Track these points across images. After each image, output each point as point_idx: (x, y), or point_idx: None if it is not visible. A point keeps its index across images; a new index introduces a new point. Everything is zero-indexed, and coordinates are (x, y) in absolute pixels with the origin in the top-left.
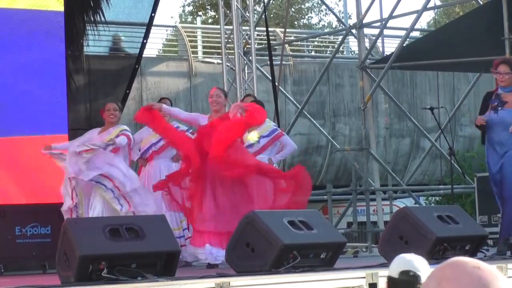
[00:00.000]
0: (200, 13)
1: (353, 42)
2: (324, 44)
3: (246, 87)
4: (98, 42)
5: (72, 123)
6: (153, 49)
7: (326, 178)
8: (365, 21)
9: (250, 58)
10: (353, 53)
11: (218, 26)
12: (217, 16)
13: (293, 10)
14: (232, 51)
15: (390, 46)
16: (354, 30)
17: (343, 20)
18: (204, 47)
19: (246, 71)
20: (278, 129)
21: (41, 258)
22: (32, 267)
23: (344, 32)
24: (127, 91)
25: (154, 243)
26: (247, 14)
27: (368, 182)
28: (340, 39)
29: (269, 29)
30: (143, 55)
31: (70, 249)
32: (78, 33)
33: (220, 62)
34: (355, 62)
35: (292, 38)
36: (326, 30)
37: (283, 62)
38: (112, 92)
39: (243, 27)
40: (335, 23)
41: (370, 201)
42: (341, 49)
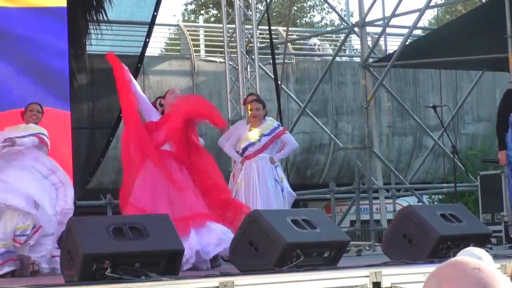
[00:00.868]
0: (202, 11)
1: (355, 41)
2: (326, 42)
3: (248, 86)
4: (101, 41)
5: (75, 122)
6: (155, 48)
7: (329, 176)
8: (367, 19)
9: (253, 56)
10: (355, 51)
11: (220, 25)
12: (219, 14)
13: (295, 8)
14: (234, 50)
15: (392, 45)
16: (356, 29)
17: (345, 18)
18: (206, 46)
19: (249, 70)
20: (280, 127)
21: None
22: None
23: (346, 30)
24: None
25: (157, 242)
26: (250, 12)
27: (371, 180)
28: (342, 38)
29: (271, 27)
30: (146, 54)
31: (74, 248)
32: (80, 32)
33: (222, 60)
34: (358, 60)
35: (294, 36)
36: (328, 29)
37: (286, 61)
38: (114, 91)
39: (246, 26)
40: (337, 21)
41: (373, 199)
42: (343, 47)
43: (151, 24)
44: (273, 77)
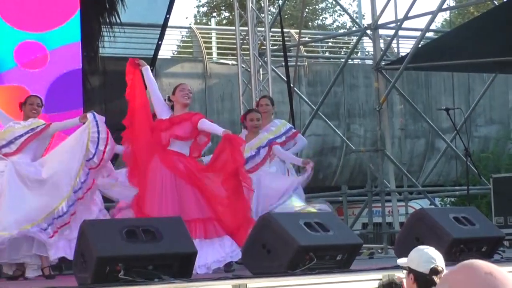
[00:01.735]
0: (214, 14)
1: (367, 43)
2: (338, 45)
3: (261, 89)
4: (114, 44)
5: None
6: (168, 50)
7: (341, 179)
8: (379, 22)
9: (265, 59)
10: (367, 53)
11: (232, 27)
12: (231, 17)
13: (307, 10)
14: (247, 52)
15: (404, 47)
16: (369, 31)
17: (357, 20)
18: (218, 48)
19: (261, 72)
20: (293, 129)
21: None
22: None
23: (359, 33)
24: None
25: (170, 245)
26: (262, 15)
27: (383, 183)
28: (354, 40)
29: (284, 30)
30: (158, 57)
31: (88, 250)
32: (93, 34)
33: (234, 63)
34: (370, 63)
35: (306, 39)
36: (340, 31)
37: (298, 63)
38: None
39: (258, 28)
40: (349, 24)
41: (385, 202)
42: (355, 49)
43: (164, 26)
44: (285, 79)
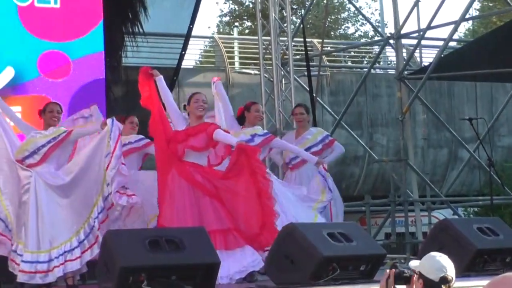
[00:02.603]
0: (236, 23)
1: (390, 52)
2: (361, 54)
3: (283, 98)
4: (137, 53)
5: None
6: (190, 60)
7: (364, 189)
8: (402, 31)
9: (288, 69)
10: (390, 63)
11: (255, 37)
12: (253, 26)
13: (329, 20)
14: (269, 62)
15: (427, 56)
16: (391, 41)
17: (380, 30)
18: (241, 58)
19: (284, 82)
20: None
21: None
22: None
23: (381, 42)
24: None
25: (194, 255)
26: (285, 25)
27: (406, 193)
28: (376, 49)
29: (306, 39)
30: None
31: (111, 260)
32: (117, 44)
33: (257, 72)
34: (392, 72)
35: (329, 48)
36: (362, 40)
37: (320, 73)
38: None
39: (281, 38)
40: (371, 33)
41: (408, 212)
42: (378, 59)
43: (187, 36)
44: (308, 89)
